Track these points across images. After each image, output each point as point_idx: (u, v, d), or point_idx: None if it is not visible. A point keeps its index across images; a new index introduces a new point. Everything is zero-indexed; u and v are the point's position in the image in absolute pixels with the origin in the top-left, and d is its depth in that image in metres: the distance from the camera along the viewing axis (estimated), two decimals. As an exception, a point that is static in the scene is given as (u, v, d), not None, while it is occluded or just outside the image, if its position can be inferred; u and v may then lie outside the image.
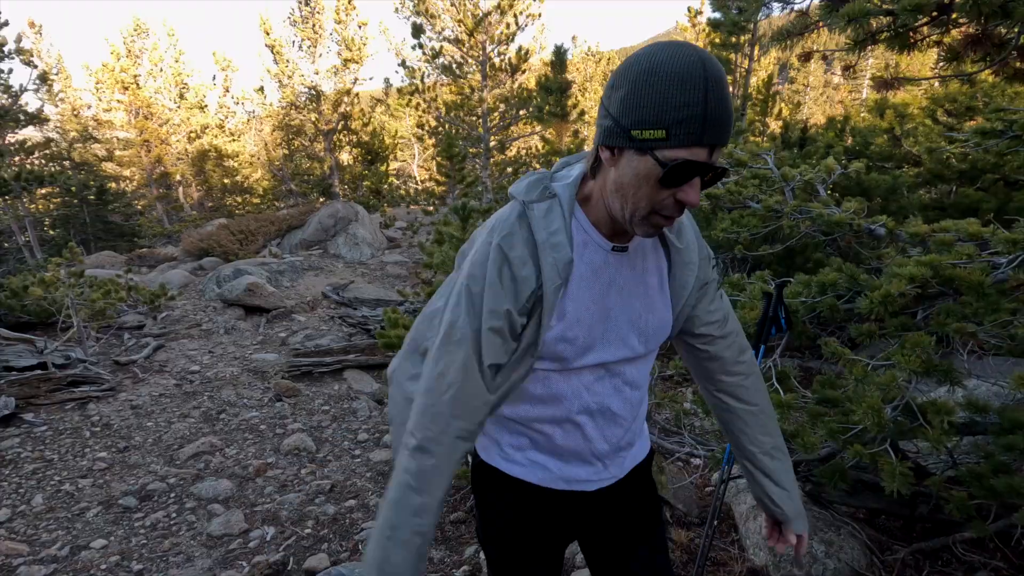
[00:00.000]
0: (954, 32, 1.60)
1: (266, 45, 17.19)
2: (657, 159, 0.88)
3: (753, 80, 7.70)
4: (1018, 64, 1.64)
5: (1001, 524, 2.61)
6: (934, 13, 1.49)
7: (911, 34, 1.68)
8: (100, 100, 20.18)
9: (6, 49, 8.08)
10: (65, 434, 4.53)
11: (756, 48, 7.64)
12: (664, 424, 3.45)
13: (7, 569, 3.02)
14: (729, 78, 7.58)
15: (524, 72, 11.48)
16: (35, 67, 9.29)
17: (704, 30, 9.37)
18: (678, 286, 1.17)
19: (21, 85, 9.24)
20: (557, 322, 1.08)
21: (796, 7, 2.02)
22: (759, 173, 3.64)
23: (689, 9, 9.27)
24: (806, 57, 2.40)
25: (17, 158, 10.79)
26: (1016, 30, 1.42)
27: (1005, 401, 2.57)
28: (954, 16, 1.44)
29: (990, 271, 2.38)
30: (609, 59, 25.36)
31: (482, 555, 2.89)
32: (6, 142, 11.92)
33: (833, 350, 2.51)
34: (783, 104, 8.08)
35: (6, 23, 7.68)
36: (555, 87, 6.43)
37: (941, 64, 1.75)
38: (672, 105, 0.84)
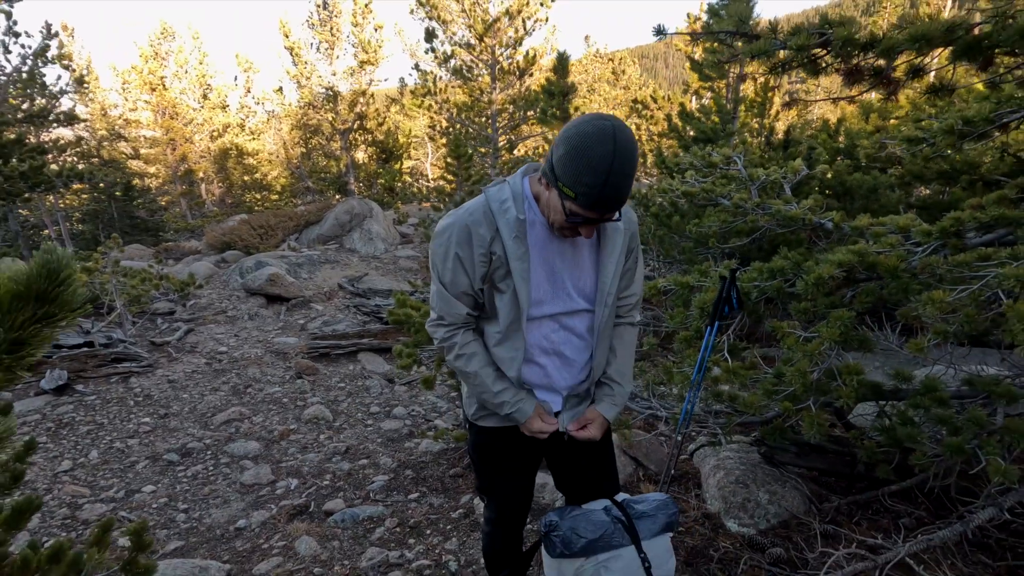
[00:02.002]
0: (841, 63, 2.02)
1: (285, 47, 17.83)
2: (566, 208, 1.35)
3: (749, 85, 8.07)
4: (889, 88, 2.05)
5: (920, 477, 3.05)
6: (817, 50, 1.90)
7: (814, 63, 2.11)
8: (127, 100, 21.05)
9: (48, 55, 8.73)
10: (112, 403, 5.10)
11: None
12: (634, 391, 3.89)
13: (74, 506, 3.57)
14: (722, 83, 7.98)
15: (532, 75, 11.94)
16: (72, 70, 9.98)
17: (687, 36, 9.80)
18: (607, 252, 1.61)
19: (61, 87, 9.90)
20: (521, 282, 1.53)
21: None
22: (729, 174, 4.07)
23: (688, 15, 9.69)
24: (741, 79, 2.81)
25: (50, 156, 11.46)
26: (883, 61, 1.83)
27: (956, 384, 2.93)
28: (826, 53, 1.86)
29: (906, 257, 2.79)
30: (621, 59, 25.56)
31: (475, 500, 3.37)
32: (40, 141, 12.63)
33: (773, 326, 2.95)
34: (780, 107, 8.43)
35: (56, 34, 8.33)
36: (558, 91, 6.88)
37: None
38: (581, 182, 1.29)
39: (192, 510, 3.54)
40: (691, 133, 7.49)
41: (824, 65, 2.14)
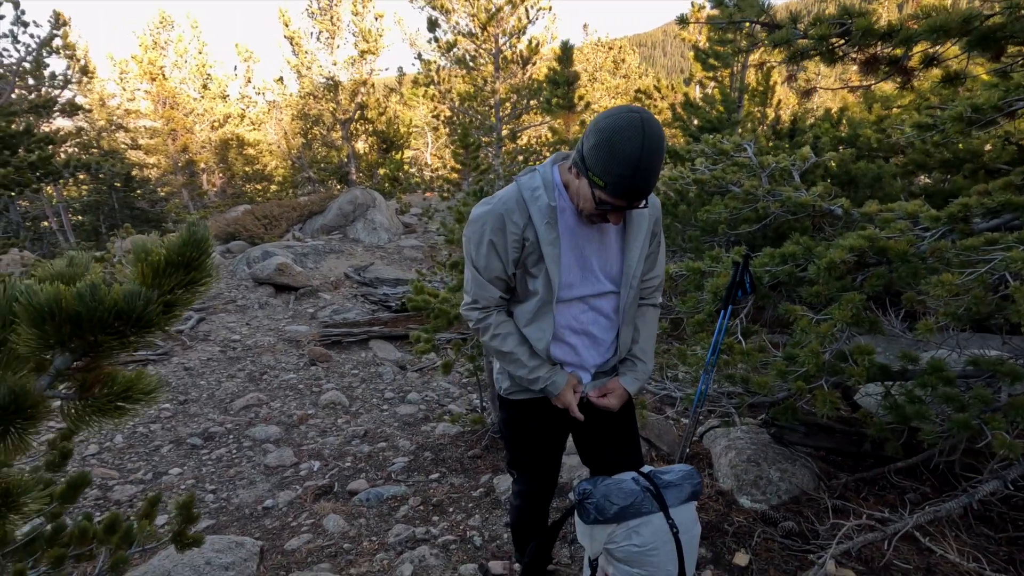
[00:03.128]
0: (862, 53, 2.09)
1: (285, 37, 17.75)
2: (595, 196, 1.43)
3: (753, 73, 8.11)
4: (904, 77, 2.13)
5: (925, 455, 3.16)
6: (836, 39, 1.97)
7: (832, 52, 2.18)
8: (124, 90, 20.94)
9: (53, 45, 8.72)
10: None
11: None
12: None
13: (104, 488, 3.67)
14: (726, 72, 8.02)
15: (535, 63, 11.95)
16: (76, 60, 9.97)
17: (706, 24, 9.81)
18: (632, 236, 1.71)
19: (65, 77, 9.89)
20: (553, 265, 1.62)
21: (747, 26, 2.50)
22: (739, 161, 4.14)
23: (693, 3, 9.70)
24: (760, 67, 2.88)
25: (51, 147, 11.44)
26: (899, 51, 1.91)
27: (961, 365, 3.04)
28: (844, 43, 1.94)
29: (915, 242, 2.88)
30: (621, 47, 25.44)
31: (495, 480, 3.48)
32: (41, 131, 12.59)
33: (786, 308, 3.04)
34: (783, 95, 8.47)
35: (64, 24, 8.33)
36: (562, 80, 6.92)
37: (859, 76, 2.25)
38: (613, 173, 1.36)
39: (220, 491, 3.65)
40: (696, 123, 7.54)
41: (842, 55, 2.22)
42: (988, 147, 6.23)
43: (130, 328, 0.69)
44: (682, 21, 2.21)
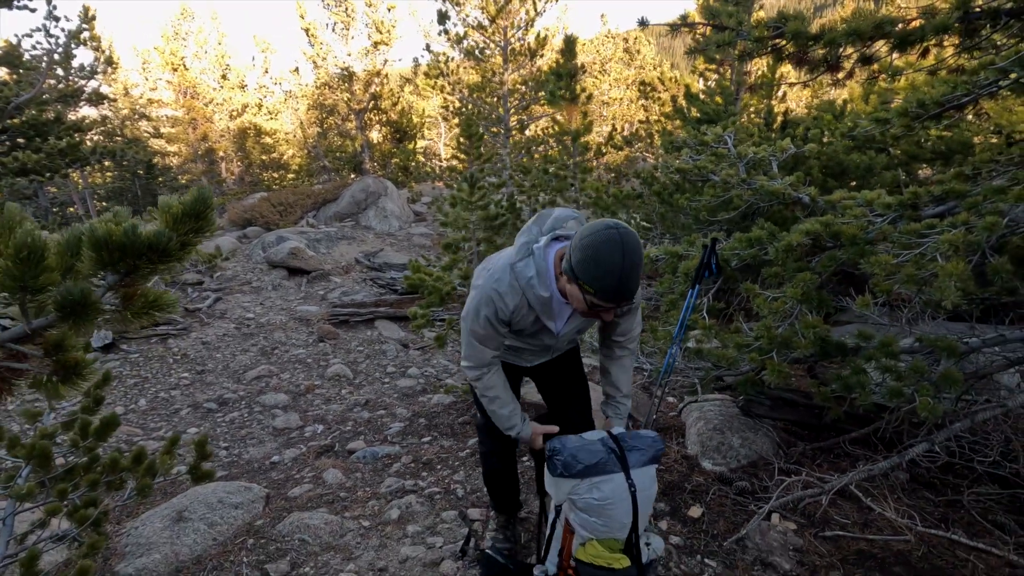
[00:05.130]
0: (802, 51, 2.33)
1: (301, 28, 18.11)
2: (587, 301, 1.67)
3: (759, 64, 8.23)
4: (839, 75, 2.36)
5: (876, 425, 3.41)
6: (776, 40, 2.21)
7: (778, 51, 2.42)
8: (147, 79, 21.53)
9: (82, 37, 9.17)
10: (153, 360, 5.61)
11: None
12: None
13: (130, 443, 4.07)
14: (727, 67, 8.15)
15: (544, 55, 12.14)
16: (102, 51, 10.44)
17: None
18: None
19: (91, 67, 10.35)
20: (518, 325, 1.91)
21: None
22: (718, 152, 4.37)
23: (696, 1, 9.83)
24: (721, 63, 3.10)
25: (79, 135, 11.93)
26: (823, 51, 2.15)
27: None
28: (787, 43, 2.18)
29: (866, 227, 3.12)
30: (636, 38, 25.33)
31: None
32: (69, 119, 13.10)
33: (745, 288, 3.30)
34: (787, 88, 8.58)
35: (93, 18, 8.76)
36: (565, 72, 7.16)
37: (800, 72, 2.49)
38: (600, 283, 1.58)
39: (232, 448, 4.02)
40: (695, 114, 7.72)
41: (786, 54, 2.46)
42: (978, 139, 6.37)
43: (158, 257, 1.00)
44: (642, 24, 2.44)
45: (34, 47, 8.79)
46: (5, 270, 0.87)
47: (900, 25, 2.15)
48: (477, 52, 11.78)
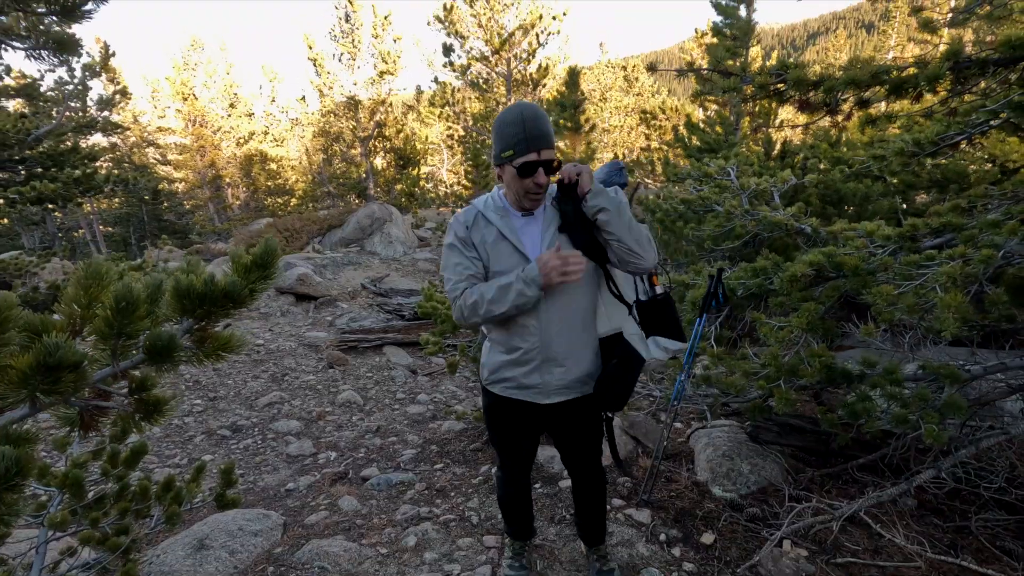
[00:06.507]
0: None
1: (309, 59, 18.61)
2: (516, 167, 1.76)
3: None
4: (839, 118, 2.50)
5: (884, 451, 3.47)
6: (778, 85, 2.36)
7: (780, 95, 2.57)
8: (156, 108, 22.02)
9: (97, 68, 9.46)
10: (165, 386, 5.68)
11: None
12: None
13: (146, 471, 4.12)
14: (726, 96, 8.42)
15: (545, 85, 12.47)
16: (117, 84, 10.74)
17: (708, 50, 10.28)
18: (546, 227, 1.95)
19: (103, 96, 10.64)
20: (496, 265, 1.92)
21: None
22: (721, 183, 4.52)
23: (696, 30, 10.16)
24: (717, 103, 3.27)
25: (94, 163, 12.18)
26: (822, 96, 2.29)
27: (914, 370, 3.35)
28: (787, 88, 2.33)
29: (867, 258, 3.23)
30: (634, 66, 25.95)
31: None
32: (84, 149, 13.36)
33: (752, 316, 3.40)
34: (787, 116, 8.82)
35: (113, 54, 9.06)
36: (569, 103, 7.37)
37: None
38: (509, 136, 1.72)
39: (247, 475, 4.07)
40: (696, 142, 7.93)
41: (788, 97, 2.61)
42: (972, 167, 6.53)
43: (231, 303, 1.11)
44: (651, 69, 2.60)
45: (56, 81, 9.06)
46: (106, 320, 0.98)
47: (895, 72, 2.29)
48: (481, 82, 12.11)
